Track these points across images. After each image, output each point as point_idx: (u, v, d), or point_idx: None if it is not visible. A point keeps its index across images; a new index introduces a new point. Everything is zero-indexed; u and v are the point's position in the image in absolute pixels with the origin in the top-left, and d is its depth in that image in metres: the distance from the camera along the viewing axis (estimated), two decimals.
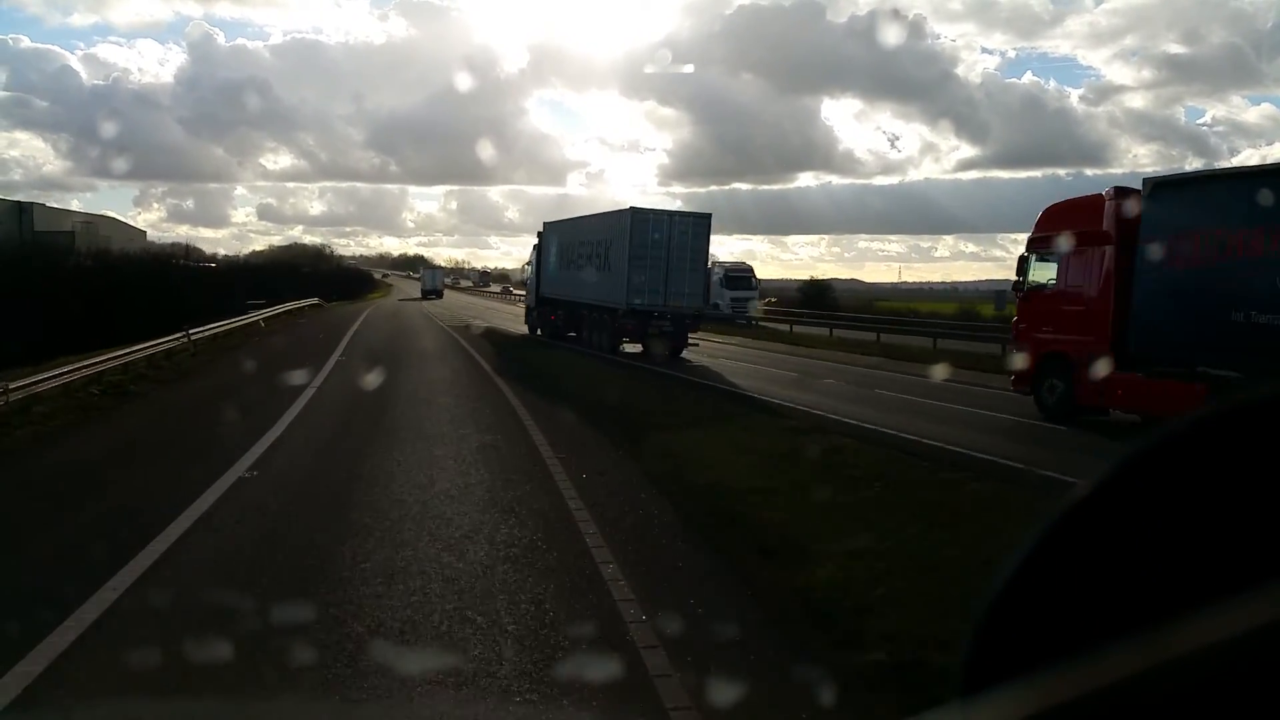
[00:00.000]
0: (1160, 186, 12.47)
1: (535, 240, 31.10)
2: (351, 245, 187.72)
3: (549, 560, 6.00)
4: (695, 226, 22.77)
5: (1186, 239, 11.97)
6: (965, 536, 6.13)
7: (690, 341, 23.25)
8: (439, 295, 74.09)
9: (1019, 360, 14.75)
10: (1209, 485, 0.52)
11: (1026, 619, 0.56)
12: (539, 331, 29.86)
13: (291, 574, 5.63)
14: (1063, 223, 14.10)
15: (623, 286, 22.29)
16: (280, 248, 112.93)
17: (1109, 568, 0.54)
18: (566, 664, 4.26)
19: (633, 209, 22.80)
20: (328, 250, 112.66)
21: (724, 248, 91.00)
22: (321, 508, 7.40)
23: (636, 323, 22.55)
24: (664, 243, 22.09)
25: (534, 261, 31.12)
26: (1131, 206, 12.76)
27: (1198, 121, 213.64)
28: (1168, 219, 12.25)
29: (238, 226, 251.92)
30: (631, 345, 23.49)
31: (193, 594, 5.19)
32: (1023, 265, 14.75)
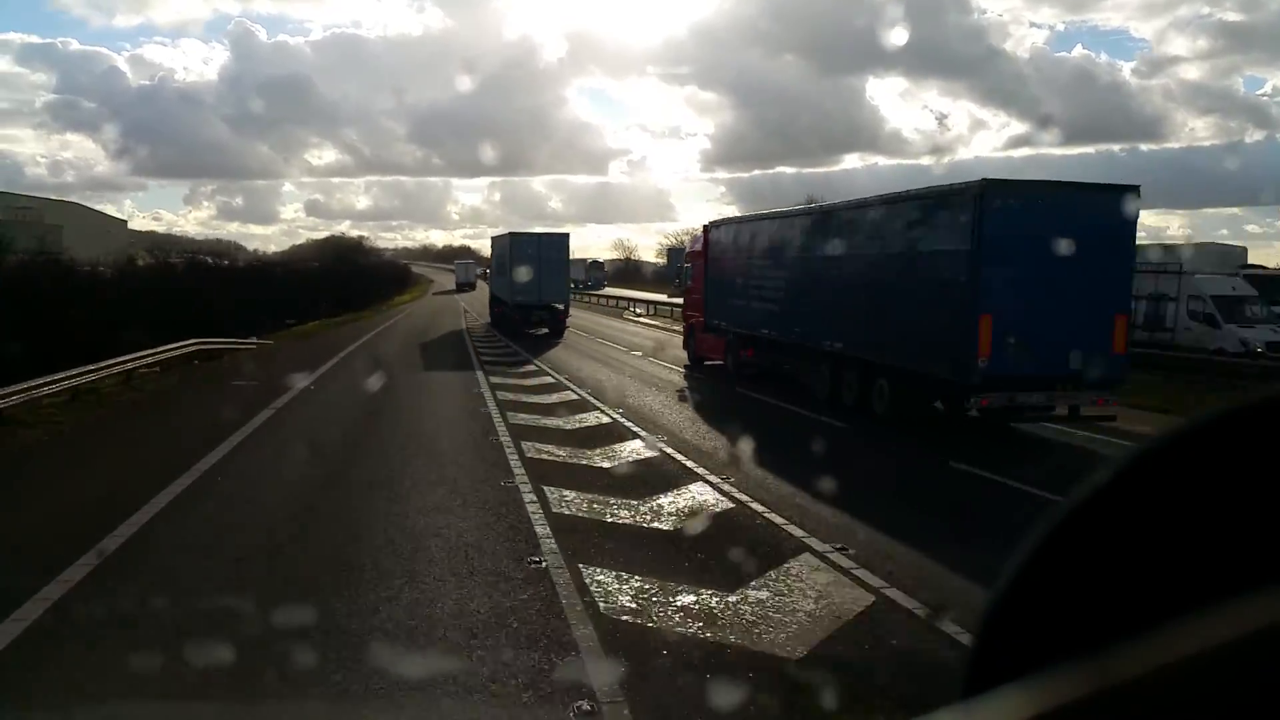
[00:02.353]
0: (713, 225, 21.16)
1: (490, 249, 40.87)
2: (398, 239, 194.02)
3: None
4: (558, 244, 32.16)
5: (720, 257, 20.63)
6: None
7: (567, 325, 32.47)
8: (472, 287, 78.18)
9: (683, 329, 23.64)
10: (1213, 485, 0.52)
11: (1029, 620, 0.57)
12: (492, 320, 39.49)
13: None
14: (694, 245, 22.84)
15: (509, 288, 31.71)
16: (318, 241, 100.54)
17: (1113, 568, 0.54)
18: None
19: (511, 233, 32.36)
20: (367, 243, 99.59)
21: None
22: None
23: (522, 313, 31.84)
24: (536, 256, 31.33)
25: (491, 266, 40.92)
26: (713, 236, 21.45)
27: (1257, 92, 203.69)
28: (716, 245, 20.90)
29: (287, 223, 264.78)
30: (537, 328, 32.72)
31: None
32: (680, 273, 23.55)
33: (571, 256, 35.59)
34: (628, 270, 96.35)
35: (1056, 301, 11.31)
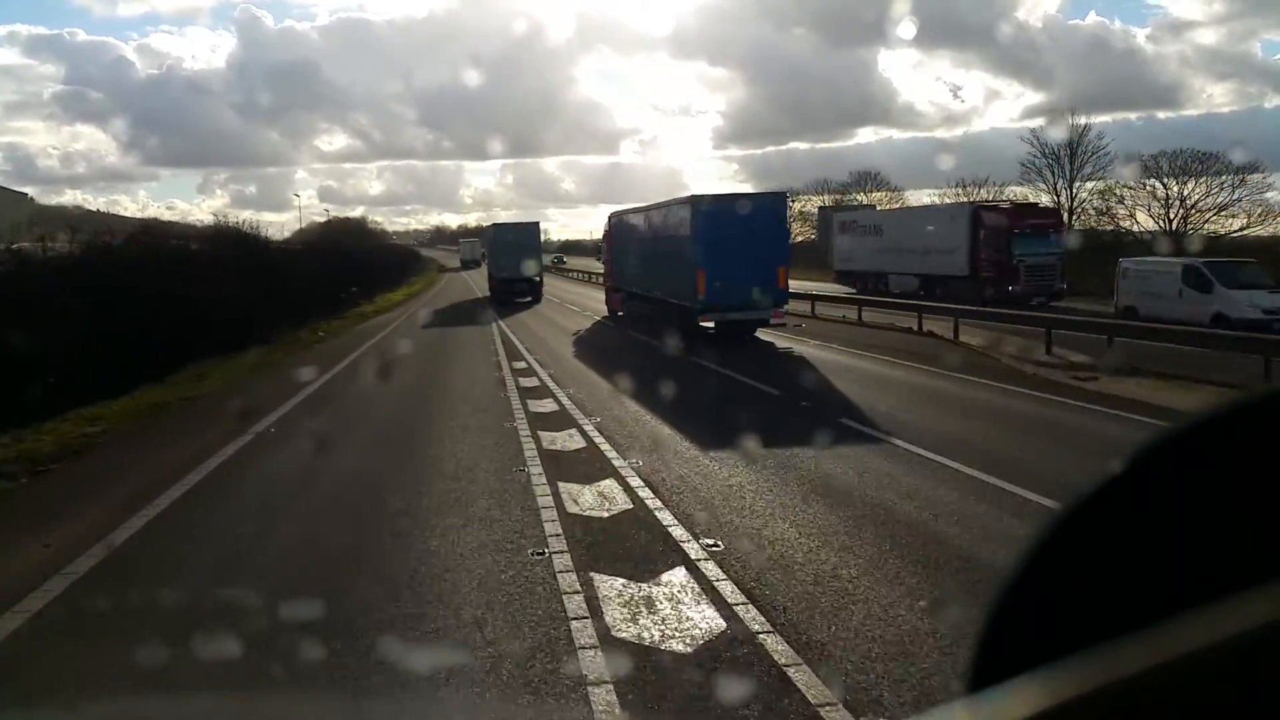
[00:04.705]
0: (611, 215, 29.99)
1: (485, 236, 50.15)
2: (412, 223, 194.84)
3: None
4: (531, 230, 41.47)
5: (615, 239, 29.41)
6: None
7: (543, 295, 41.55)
8: (477, 265, 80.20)
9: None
10: (1217, 480, 0.53)
11: (1034, 615, 0.58)
12: (490, 295, 48.92)
13: None
14: (606, 229, 31.71)
15: (497, 267, 40.96)
16: (320, 225, 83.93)
17: (1118, 563, 0.55)
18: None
19: (495, 225, 41.70)
20: (373, 226, 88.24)
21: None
22: None
23: (506, 286, 41.00)
24: (515, 241, 40.49)
25: (486, 252, 50.36)
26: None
27: (1276, 57, 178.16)
28: (616, 229, 29.69)
29: (300, 210, 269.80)
30: (520, 297, 41.86)
31: None
32: (598, 251, 32.43)
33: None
34: None
35: (742, 260, 19.94)
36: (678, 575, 6.14)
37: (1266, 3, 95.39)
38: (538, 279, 41.34)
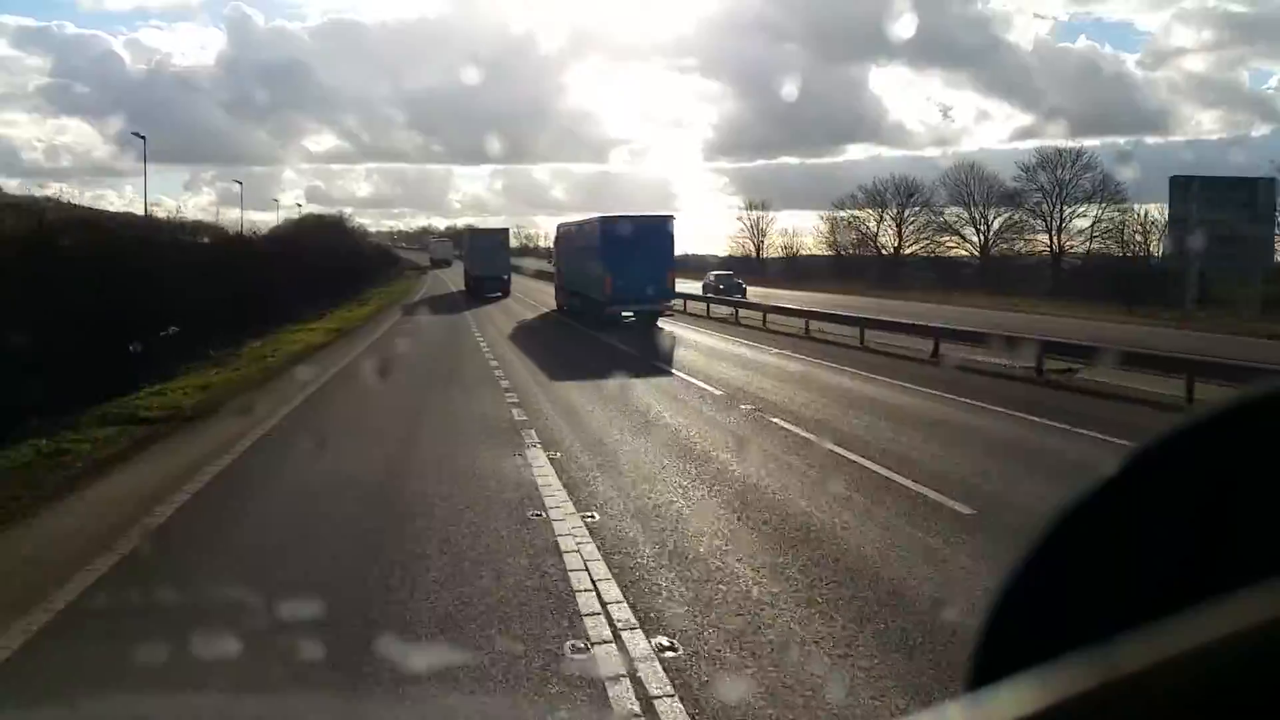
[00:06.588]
0: (560, 226, 37.04)
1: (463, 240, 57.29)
2: (400, 226, 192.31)
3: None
4: (502, 235, 48.86)
5: (560, 246, 36.38)
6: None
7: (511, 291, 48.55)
8: (449, 264, 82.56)
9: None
10: (1219, 478, 0.53)
11: (1036, 613, 0.58)
12: (466, 289, 55.94)
13: None
14: (556, 238, 38.74)
15: (471, 265, 48.10)
16: (294, 222, 67.59)
17: (1120, 561, 0.56)
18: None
19: (470, 230, 48.87)
20: (351, 224, 75.61)
21: (775, 224, 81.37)
22: None
23: (479, 283, 47.89)
24: (488, 244, 47.65)
25: (464, 252, 57.68)
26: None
27: (1264, 87, 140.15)
28: (562, 239, 36.67)
29: (287, 210, 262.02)
30: (491, 293, 48.82)
31: None
32: (550, 256, 39.52)
33: None
34: None
35: (639, 266, 26.81)
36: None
37: (1256, 32, 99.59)
38: (506, 277, 48.41)
